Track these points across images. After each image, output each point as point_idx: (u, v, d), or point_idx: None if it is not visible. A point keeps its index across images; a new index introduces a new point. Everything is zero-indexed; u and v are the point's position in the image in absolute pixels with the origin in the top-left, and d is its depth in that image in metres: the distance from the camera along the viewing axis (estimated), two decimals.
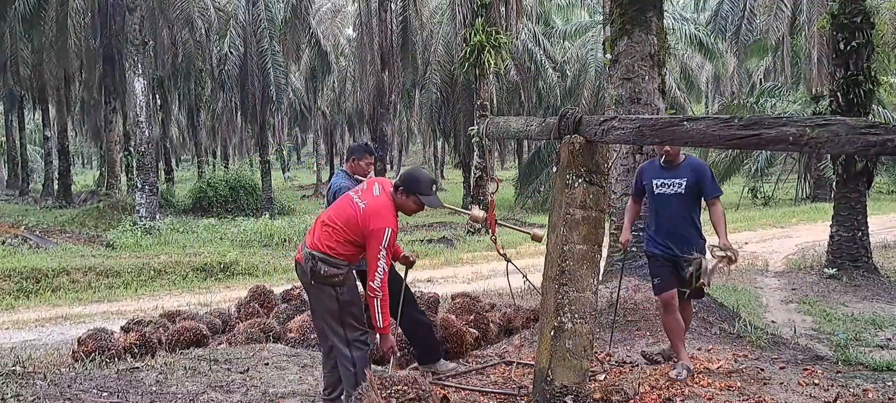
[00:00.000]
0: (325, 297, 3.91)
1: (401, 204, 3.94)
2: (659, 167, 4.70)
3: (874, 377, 4.61)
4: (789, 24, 22.26)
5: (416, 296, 7.79)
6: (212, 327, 6.82)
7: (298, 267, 4.01)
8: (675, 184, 4.59)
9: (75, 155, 50.56)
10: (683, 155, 4.68)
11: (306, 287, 4.04)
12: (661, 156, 4.68)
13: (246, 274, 13.30)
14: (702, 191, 4.58)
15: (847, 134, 2.33)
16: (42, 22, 21.28)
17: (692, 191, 4.57)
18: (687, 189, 4.56)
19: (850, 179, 9.23)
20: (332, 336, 3.95)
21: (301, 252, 3.97)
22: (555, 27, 29.98)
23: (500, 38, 18.06)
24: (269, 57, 25.91)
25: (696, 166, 4.66)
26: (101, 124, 28.82)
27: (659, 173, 4.69)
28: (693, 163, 4.68)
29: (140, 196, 18.16)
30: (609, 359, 5.05)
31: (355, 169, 5.13)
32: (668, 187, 4.62)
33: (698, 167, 4.67)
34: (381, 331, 3.90)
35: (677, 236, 4.57)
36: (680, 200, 4.59)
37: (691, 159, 4.72)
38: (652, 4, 6.33)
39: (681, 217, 4.59)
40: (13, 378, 4.33)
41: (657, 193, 4.68)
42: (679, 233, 4.57)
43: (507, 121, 5.50)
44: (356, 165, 5.13)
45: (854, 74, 9.05)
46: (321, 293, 3.91)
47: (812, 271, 9.80)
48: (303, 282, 4.07)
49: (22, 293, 11.51)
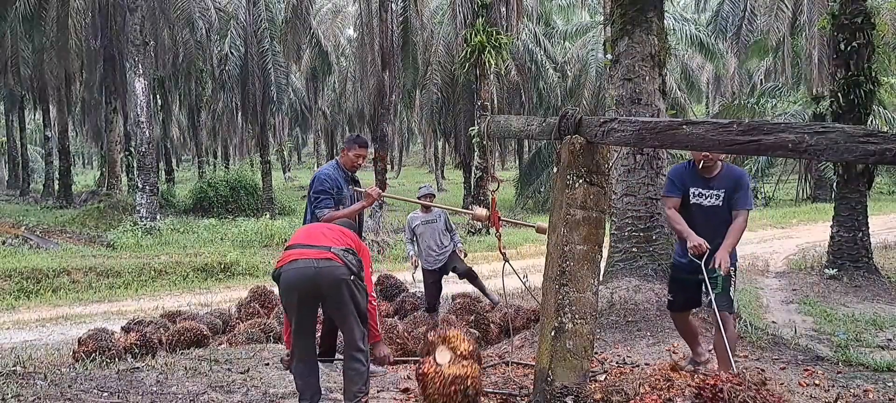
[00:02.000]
0: (358, 293, 3.81)
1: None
2: (695, 174, 4.33)
3: (875, 377, 4.61)
4: (790, 24, 22.25)
5: (416, 297, 7.82)
6: (212, 327, 6.83)
7: (327, 269, 3.73)
8: (714, 196, 4.27)
9: (76, 155, 50.58)
10: (721, 162, 4.31)
11: (335, 288, 3.74)
12: (699, 162, 4.28)
13: (246, 274, 13.31)
14: (733, 200, 4.24)
15: (845, 142, 2.33)
16: (43, 22, 21.27)
17: (729, 201, 4.26)
18: (725, 200, 4.25)
19: (850, 180, 9.23)
20: (351, 334, 3.82)
21: (326, 252, 3.75)
22: (555, 27, 29.99)
23: (500, 39, 18.07)
24: (269, 57, 25.91)
25: (736, 175, 4.31)
26: (102, 124, 28.84)
27: (696, 181, 4.33)
28: (732, 172, 4.33)
29: (140, 196, 18.16)
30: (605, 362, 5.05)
31: (346, 161, 4.91)
32: (706, 198, 4.29)
33: (738, 177, 4.30)
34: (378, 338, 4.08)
35: (710, 248, 4.18)
36: (716, 213, 4.26)
37: (730, 168, 4.36)
38: (652, 5, 6.33)
39: (716, 229, 4.20)
40: (13, 378, 4.33)
41: (693, 202, 4.33)
42: (712, 247, 4.16)
43: (507, 120, 5.50)
44: (346, 157, 4.91)
45: (854, 75, 9.04)
46: (357, 289, 3.80)
47: (812, 272, 9.80)
48: (329, 282, 3.73)
49: (22, 293, 11.52)
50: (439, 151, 41.72)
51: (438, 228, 6.96)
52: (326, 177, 4.80)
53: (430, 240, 6.98)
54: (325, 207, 4.70)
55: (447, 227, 7.09)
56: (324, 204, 4.71)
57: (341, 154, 4.99)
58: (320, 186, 4.75)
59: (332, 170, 4.86)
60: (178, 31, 23.47)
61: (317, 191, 4.74)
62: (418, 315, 6.96)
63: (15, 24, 21.05)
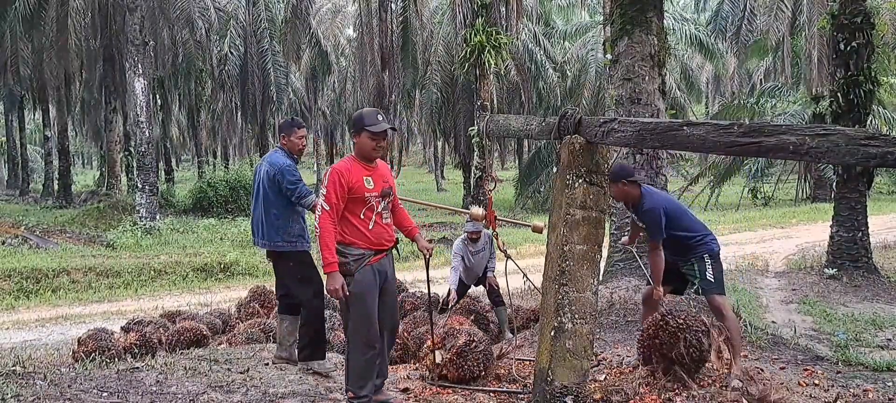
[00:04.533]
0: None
1: (360, 150, 3.93)
2: None
3: (874, 377, 4.61)
4: (789, 24, 22.26)
5: (416, 296, 7.80)
6: (212, 327, 6.83)
7: (390, 255, 4.09)
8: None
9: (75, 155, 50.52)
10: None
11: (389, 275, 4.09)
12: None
13: (246, 274, 13.31)
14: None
15: (847, 145, 2.33)
16: (42, 22, 21.27)
17: None
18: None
19: (850, 180, 9.23)
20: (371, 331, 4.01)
21: (392, 240, 4.06)
22: (555, 27, 29.97)
23: (500, 39, 18.06)
24: (269, 57, 25.91)
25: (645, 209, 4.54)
26: (102, 124, 28.83)
27: None
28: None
29: (140, 196, 18.15)
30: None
31: (290, 145, 4.83)
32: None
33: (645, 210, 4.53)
34: (326, 269, 3.82)
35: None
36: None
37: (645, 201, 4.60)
38: (652, 4, 6.33)
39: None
40: (13, 378, 4.33)
41: None
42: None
43: (507, 120, 5.51)
44: (289, 142, 4.84)
45: (854, 75, 9.04)
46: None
47: (812, 271, 9.79)
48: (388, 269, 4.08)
49: (22, 293, 11.51)
50: (439, 151, 41.70)
51: (485, 257, 6.94)
52: (291, 166, 4.75)
53: (479, 270, 6.97)
54: (307, 195, 4.71)
55: (491, 255, 7.02)
56: (306, 193, 4.71)
57: (282, 140, 4.89)
58: (294, 176, 4.69)
59: (286, 158, 4.78)
60: (177, 30, 23.47)
61: (292, 183, 4.67)
62: (418, 315, 6.96)
63: (14, 23, 21.03)
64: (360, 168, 3.91)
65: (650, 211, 4.42)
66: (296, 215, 4.77)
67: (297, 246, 4.76)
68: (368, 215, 3.89)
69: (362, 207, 3.88)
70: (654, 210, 4.40)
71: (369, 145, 3.87)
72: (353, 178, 3.84)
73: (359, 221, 3.87)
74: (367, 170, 3.93)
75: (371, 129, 3.84)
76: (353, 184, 3.82)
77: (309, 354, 4.82)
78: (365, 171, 3.91)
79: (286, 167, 4.71)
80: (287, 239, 4.73)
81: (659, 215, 4.38)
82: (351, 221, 3.86)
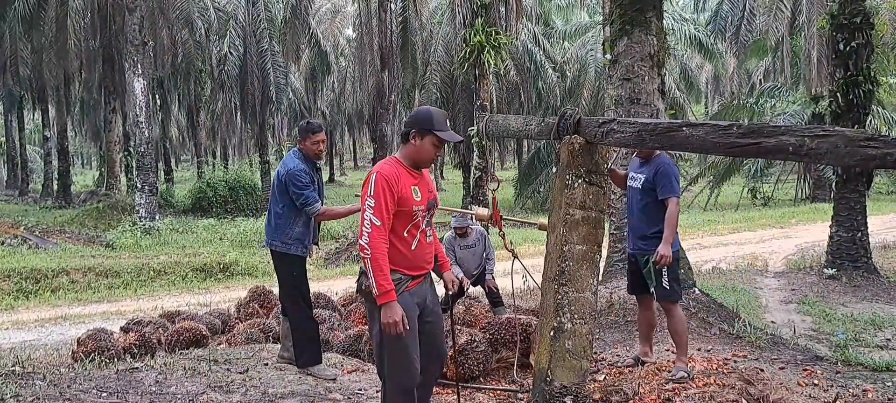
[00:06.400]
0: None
1: (414, 154, 3.21)
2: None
3: (874, 377, 4.62)
4: (789, 24, 22.26)
5: None
6: (211, 327, 6.83)
7: (429, 277, 3.41)
8: (639, 179, 4.52)
9: (75, 155, 50.55)
10: None
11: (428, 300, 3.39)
12: None
13: (245, 274, 13.31)
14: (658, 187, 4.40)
15: (846, 146, 2.33)
16: (42, 22, 21.28)
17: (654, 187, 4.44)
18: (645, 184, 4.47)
19: (849, 180, 9.24)
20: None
21: (432, 262, 3.40)
22: (555, 27, 29.98)
23: (499, 39, 18.04)
24: (268, 57, 25.90)
25: (658, 162, 4.46)
26: (101, 124, 28.83)
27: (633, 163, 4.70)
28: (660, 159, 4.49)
29: (140, 196, 18.16)
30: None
31: (305, 149, 4.72)
32: (636, 181, 4.53)
33: (659, 163, 4.45)
34: (381, 299, 3.06)
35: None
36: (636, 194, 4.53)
37: (661, 156, 4.52)
38: (651, 5, 6.34)
39: (640, 213, 4.54)
40: (13, 379, 4.32)
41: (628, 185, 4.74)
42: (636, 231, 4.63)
43: (506, 120, 5.51)
44: (306, 147, 4.72)
45: (853, 75, 9.05)
46: None
47: (812, 271, 9.80)
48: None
49: (21, 293, 11.52)
50: None
51: (477, 253, 6.94)
52: (301, 171, 4.63)
53: (470, 265, 6.97)
54: (313, 202, 4.65)
55: (486, 253, 7.01)
56: (312, 201, 4.65)
57: (299, 143, 4.79)
58: (301, 182, 4.60)
59: (300, 162, 4.68)
60: (177, 31, 23.47)
61: (298, 188, 4.60)
62: None
63: (14, 23, 21.06)
64: (408, 175, 3.19)
65: (670, 164, 4.39)
66: (299, 218, 4.72)
67: (291, 249, 4.73)
68: (413, 232, 3.20)
69: (407, 223, 3.18)
70: (672, 164, 4.42)
71: (431, 152, 3.19)
72: (403, 188, 3.13)
73: (400, 241, 3.17)
74: (414, 178, 3.23)
75: (441, 135, 3.16)
76: (401, 195, 3.12)
77: (307, 360, 4.82)
78: (413, 180, 3.21)
79: (296, 171, 4.62)
80: (283, 241, 4.72)
81: (675, 170, 4.40)
82: (391, 240, 3.14)
